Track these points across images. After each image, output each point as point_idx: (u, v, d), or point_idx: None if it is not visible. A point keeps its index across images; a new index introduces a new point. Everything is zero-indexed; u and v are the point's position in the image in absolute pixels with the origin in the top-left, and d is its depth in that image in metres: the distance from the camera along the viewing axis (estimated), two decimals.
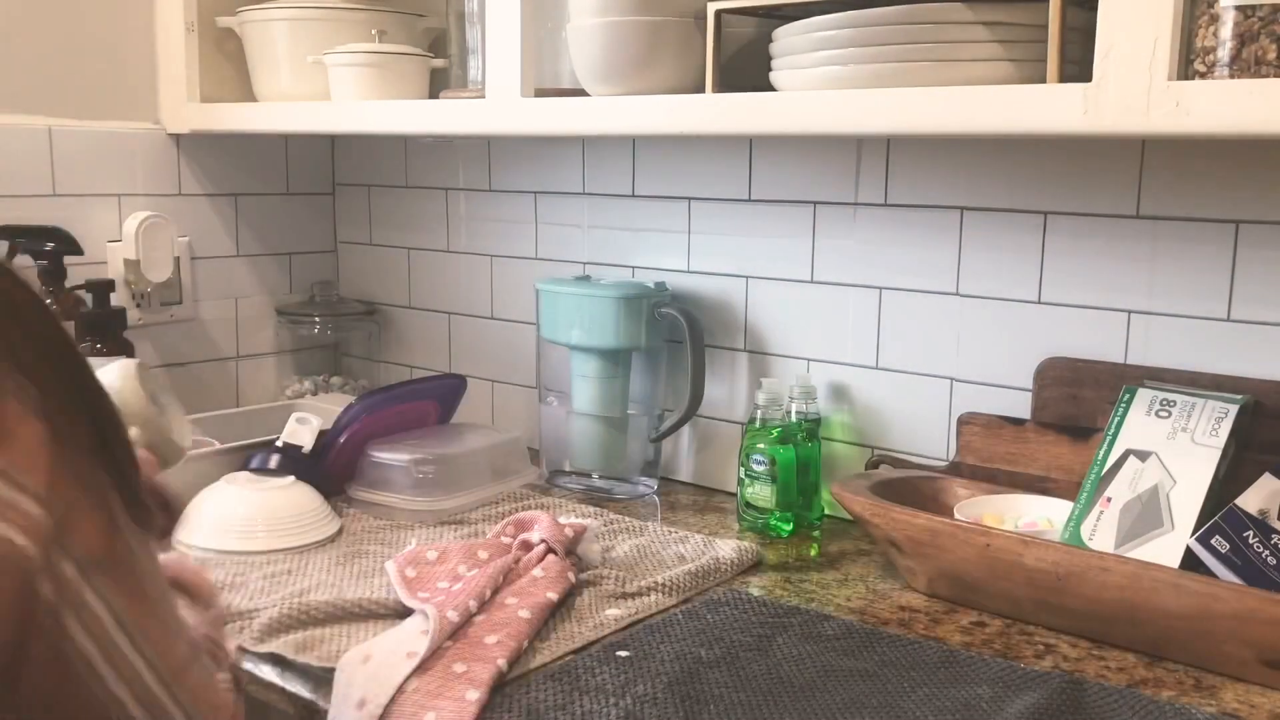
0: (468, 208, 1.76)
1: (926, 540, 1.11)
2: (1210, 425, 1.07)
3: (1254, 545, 0.99)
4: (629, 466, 1.50)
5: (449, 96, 1.44)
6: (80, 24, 1.60)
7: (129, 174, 1.65)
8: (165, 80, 1.67)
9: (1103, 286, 1.22)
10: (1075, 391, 1.22)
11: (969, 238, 1.30)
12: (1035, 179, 1.25)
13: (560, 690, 0.94)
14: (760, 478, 1.33)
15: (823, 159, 1.39)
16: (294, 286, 1.88)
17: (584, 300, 1.46)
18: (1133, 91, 0.88)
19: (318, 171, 1.90)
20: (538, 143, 1.65)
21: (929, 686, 0.95)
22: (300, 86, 1.58)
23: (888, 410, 1.38)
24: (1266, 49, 0.84)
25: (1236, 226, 1.14)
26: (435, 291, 1.83)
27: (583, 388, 1.48)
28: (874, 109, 1.02)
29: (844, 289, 1.40)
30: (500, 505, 1.41)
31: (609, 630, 1.06)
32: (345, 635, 1.04)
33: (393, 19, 1.57)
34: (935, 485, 1.25)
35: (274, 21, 1.59)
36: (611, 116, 1.21)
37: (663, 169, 1.54)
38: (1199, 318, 1.17)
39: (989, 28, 0.99)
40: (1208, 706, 0.93)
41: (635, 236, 1.58)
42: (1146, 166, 1.18)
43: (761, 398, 1.35)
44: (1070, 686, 0.95)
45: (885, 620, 1.10)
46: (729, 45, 1.21)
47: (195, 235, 1.73)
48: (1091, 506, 1.10)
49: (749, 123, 1.11)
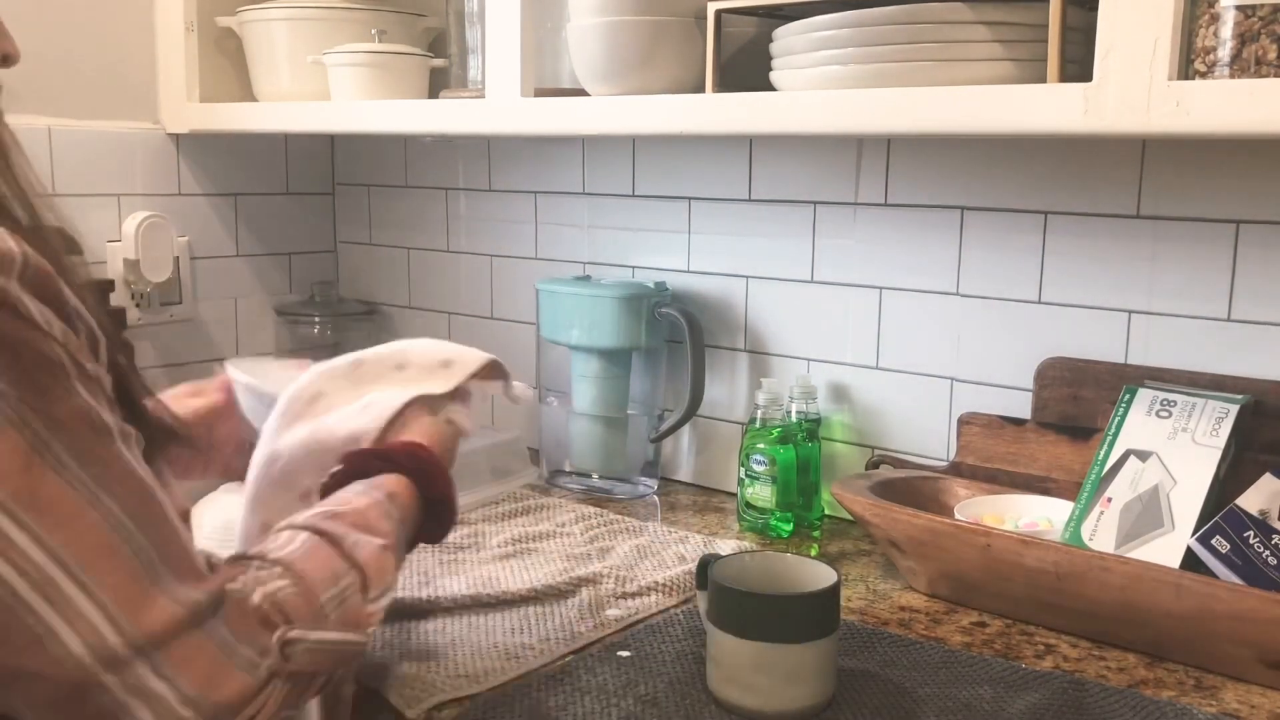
0: (468, 208, 1.76)
1: (927, 540, 1.11)
2: (1211, 425, 1.07)
3: (1254, 545, 0.99)
4: (629, 466, 1.50)
5: (449, 96, 1.44)
6: (80, 24, 1.60)
7: (129, 174, 1.65)
8: (165, 80, 1.67)
9: (1103, 286, 1.22)
10: (1075, 391, 1.22)
11: (969, 238, 1.30)
12: (1035, 179, 1.25)
13: (561, 690, 0.94)
14: (760, 478, 1.33)
15: (823, 159, 1.39)
16: (294, 286, 1.88)
17: (584, 300, 1.46)
18: (1133, 91, 0.88)
19: (318, 171, 1.90)
20: (538, 143, 1.65)
21: (930, 687, 0.95)
22: (300, 86, 1.58)
23: (888, 410, 1.38)
24: (1267, 49, 0.84)
25: (1236, 226, 1.14)
26: (435, 291, 1.83)
27: (583, 388, 1.48)
28: (874, 109, 1.02)
29: (844, 289, 1.40)
30: (500, 505, 1.41)
31: (609, 630, 1.06)
32: None
33: (393, 19, 1.57)
34: (935, 485, 1.25)
35: (274, 21, 1.59)
36: (611, 116, 1.21)
37: (663, 169, 1.54)
38: (1199, 318, 1.17)
39: (989, 27, 0.99)
40: (1208, 707, 0.93)
41: (635, 236, 1.58)
42: (1146, 166, 1.18)
43: (761, 398, 1.35)
44: (1071, 687, 0.95)
45: (886, 621, 1.10)
46: (729, 45, 1.20)
47: (195, 235, 1.73)
48: (1092, 507, 1.10)
49: (749, 123, 1.11)
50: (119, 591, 0.61)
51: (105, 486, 0.62)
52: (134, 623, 0.61)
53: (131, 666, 0.61)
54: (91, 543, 0.61)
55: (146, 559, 0.63)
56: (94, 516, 0.61)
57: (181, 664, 0.63)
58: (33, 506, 0.59)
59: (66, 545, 0.60)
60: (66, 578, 0.60)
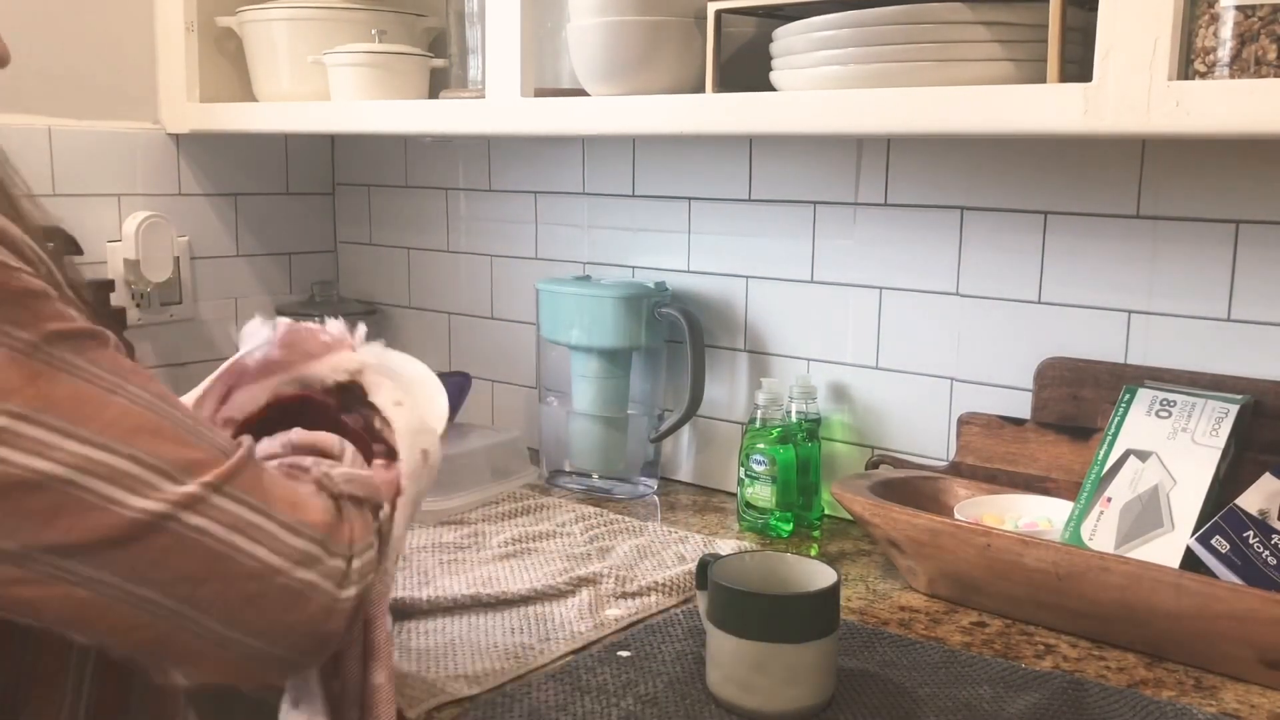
0: (468, 208, 1.76)
1: (926, 540, 1.11)
2: (1210, 425, 1.07)
3: (1254, 545, 0.99)
4: (629, 466, 1.50)
5: (449, 96, 1.44)
6: (80, 24, 1.60)
7: (129, 174, 1.65)
8: (165, 80, 1.67)
9: (1103, 286, 1.22)
10: (1075, 391, 1.22)
11: (969, 238, 1.30)
12: (1035, 179, 1.25)
13: (561, 690, 0.94)
14: (760, 478, 1.33)
15: (823, 159, 1.39)
16: (294, 286, 1.88)
17: (584, 300, 1.46)
18: (1133, 91, 0.88)
19: (318, 171, 1.90)
20: (538, 143, 1.65)
21: (930, 687, 0.95)
22: (300, 86, 1.58)
23: (888, 410, 1.38)
24: (1266, 49, 0.84)
25: (1236, 226, 1.14)
26: (435, 291, 1.83)
27: (583, 388, 1.48)
28: (874, 109, 1.02)
29: (844, 289, 1.40)
30: (500, 505, 1.41)
31: (609, 630, 1.06)
32: None
33: (393, 19, 1.57)
34: (935, 485, 1.25)
35: (274, 21, 1.59)
36: (611, 116, 1.21)
37: (663, 169, 1.54)
38: (1199, 318, 1.17)
39: (989, 28, 0.99)
40: (1208, 707, 0.93)
41: (635, 236, 1.58)
42: (1146, 166, 1.18)
43: (761, 398, 1.35)
44: (1071, 687, 0.95)
45: (885, 621, 1.10)
46: (729, 45, 1.21)
47: (195, 235, 1.73)
48: (1091, 506, 1.10)
49: (749, 123, 1.11)
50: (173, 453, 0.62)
51: (121, 376, 0.62)
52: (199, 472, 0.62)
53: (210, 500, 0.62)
54: (127, 424, 0.61)
55: (186, 426, 0.63)
56: (120, 401, 0.61)
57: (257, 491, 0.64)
58: (51, 408, 0.59)
59: (103, 430, 0.60)
60: (113, 456, 0.60)
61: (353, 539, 0.68)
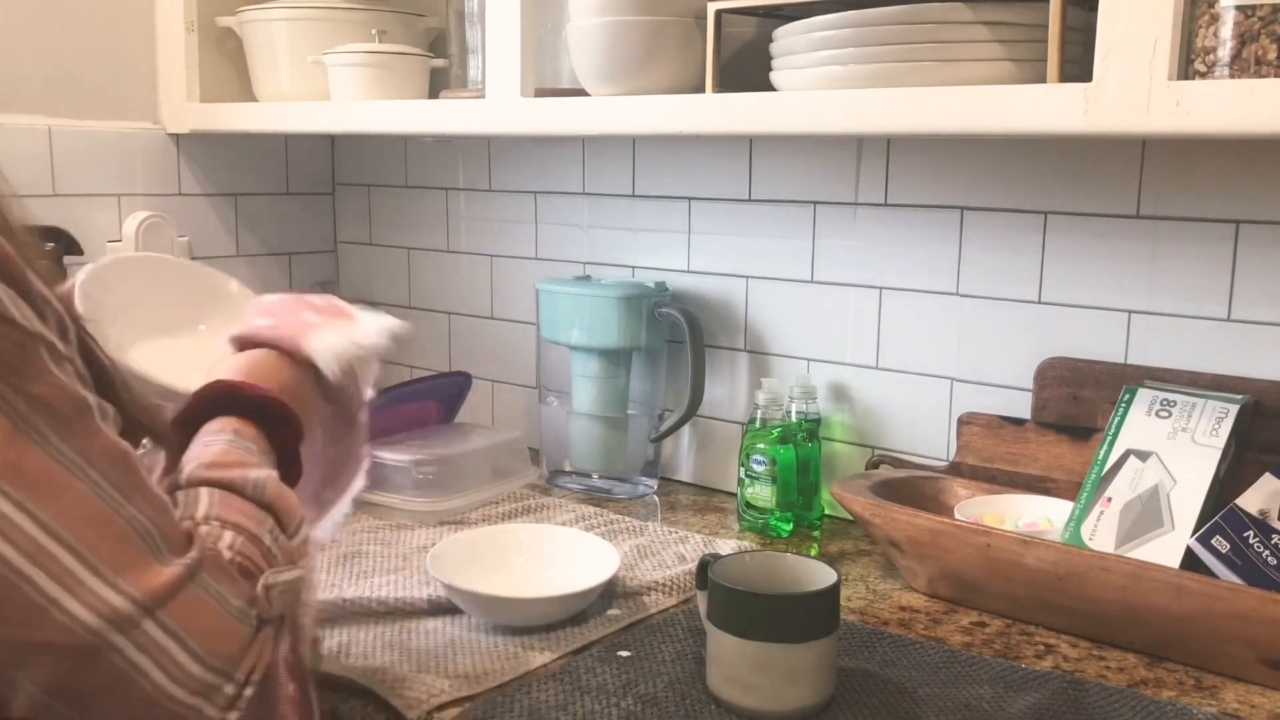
0: (468, 208, 1.76)
1: (927, 540, 1.11)
2: (1210, 425, 1.07)
3: (1254, 545, 0.99)
4: (629, 466, 1.50)
5: (449, 96, 1.44)
6: (80, 24, 1.60)
7: (129, 174, 1.65)
8: (165, 80, 1.67)
9: (1103, 286, 1.22)
10: (1075, 391, 1.22)
11: (969, 238, 1.30)
12: (1035, 179, 1.25)
13: (561, 690, 0.94)
14: (760, 478, 1.33)
15: (823, 159, 1.39)
16: (294, 286, 1.87)
17: (584, 300, 1.46)
18: (1133, 91, 0.88)
19: (318, 171, 1.90)
20: (538, 143, 1.65)
21: (930, 687, 0.95)
22: (300, 86, 1.58)
23: (888, 410, 1.38)
24: (1266, 49, 0.84)
25: (1236, 226, 1.14)
26: (435, 291, 1.83)
27: (583, 388, 1.48)
28: (874, 109, 1.02)
29: (844, 289, 1.40)
30: (500, 505, 1.41)
31: (609, 630, 1.06)
32: (344, 635, 1.04)
33: (393, 19, 1.57)
34: (935, 485, 1.25)
35: (274, 21, 1.59)
36: (611, 116, 1.21)
37: (663, 169, 1.54)
38: (1199, 318, 1.17)
39: (989, 27, 0.99)
40: (1208, 707, 0.93)
41: (635, 236, 1.58)
42: (1146, 166, 1.18)
43: (761, 398, 1.35)
44: (1071, 687, 0.95)
45: (886, 620, 1.10)
46: (729, 45, 1.21)
47: (195, 235, 1.73)
48: (1092, 506, 1.10)
49: (749, 123, 1.11)
50: (116, 558, 0.62)
51: (89, 459, 0.62)
52: (135, 585, 0.62)
53: (140, 625, 0.61)
54: (83, 514, 0.61)
55: (139, 526, 0.63)
56: (81, 488, 0.61)
57: (186, 620, 0.63)
58: (19, 480, 0.59)
59: (58, 517, 0.60)
60: (62, 548, 0.60)
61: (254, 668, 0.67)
